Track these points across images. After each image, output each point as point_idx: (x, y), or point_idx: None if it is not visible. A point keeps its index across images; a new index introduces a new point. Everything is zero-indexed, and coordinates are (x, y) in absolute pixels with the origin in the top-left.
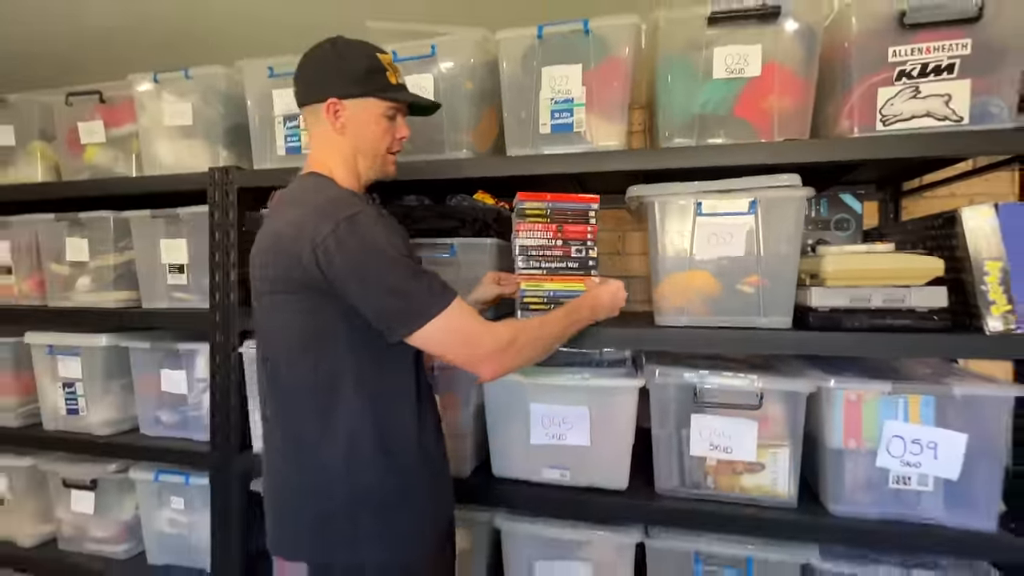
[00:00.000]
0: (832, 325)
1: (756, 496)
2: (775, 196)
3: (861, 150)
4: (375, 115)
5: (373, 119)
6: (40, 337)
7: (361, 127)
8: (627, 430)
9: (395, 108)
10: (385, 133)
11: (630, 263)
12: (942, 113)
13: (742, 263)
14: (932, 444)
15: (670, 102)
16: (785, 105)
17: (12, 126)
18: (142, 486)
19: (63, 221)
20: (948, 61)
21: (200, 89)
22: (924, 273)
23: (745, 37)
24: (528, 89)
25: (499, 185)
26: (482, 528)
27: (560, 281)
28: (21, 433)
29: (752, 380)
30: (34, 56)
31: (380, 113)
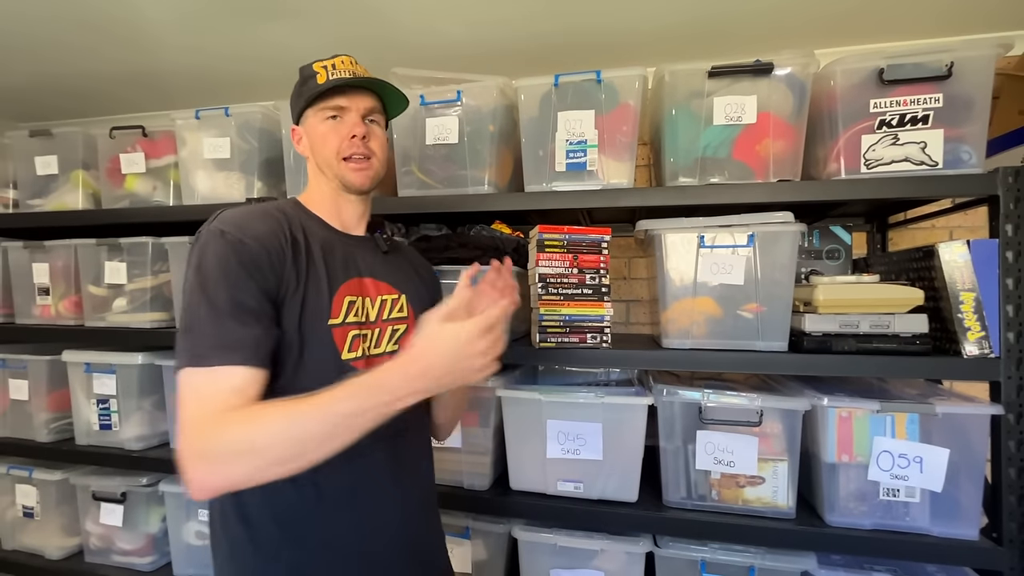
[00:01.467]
0: (824, 348)
1: (758, 507)
2: (771, 230)
3: (847, 191)
4: (315, 123)
5: (315, 128)
6: (78, 355)
7: (312, 141)
8: (637, 445)
9: (331, 108)
10: (325, 137)
11: (635, 288)
12: (919, 158)
13: (742, 291)
14: (918, 458)
15: (675, 145)
16: (778, 149)
17: (56, 156)
18: (171, 499)
19: (103, 245)
20: (923, 112)
21: (238, 125)
22: (906, 302)
23: (742, 88)
24: (545, 131)
25: (514, 216)
26: (500, 538)
27: (576, 306)
28: (54, 448)
29: (752, 399)
30: (81, 91)
31: (320, 119)
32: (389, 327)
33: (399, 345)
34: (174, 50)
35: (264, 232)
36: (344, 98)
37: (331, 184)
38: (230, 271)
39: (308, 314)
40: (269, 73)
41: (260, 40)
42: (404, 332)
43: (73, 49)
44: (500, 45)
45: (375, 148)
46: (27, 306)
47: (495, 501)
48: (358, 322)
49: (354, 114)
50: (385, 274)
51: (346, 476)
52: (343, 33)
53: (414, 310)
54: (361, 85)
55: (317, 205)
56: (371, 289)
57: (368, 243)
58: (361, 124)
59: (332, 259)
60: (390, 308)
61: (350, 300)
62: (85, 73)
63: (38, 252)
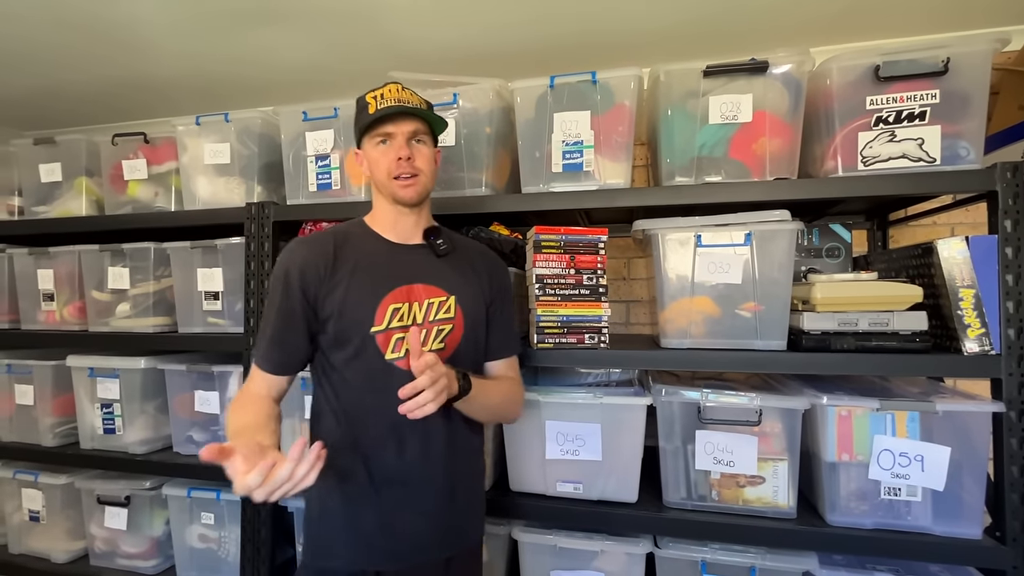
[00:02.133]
0: (823, 347)
1: (758, 507)
2: (768, 229)
3: (845, 188)
4: (370, 149)
5: (371, 154)
6: (82, 360)
7: (369, 165)
8: (637, 445)
9: (380, 135)
10: (378, 160)
11: (635, 288)
12: (916, 155)
13: (740, 290)
14: (919, 457)
15: (671, 145)
16: (775, 147)
17: (60, 163)
18: (175, 502)
19: (106, 251)
20: (920, 109)
21: (238, 131)
22: (905, 299)
23: (737, 87)
24: (541, 132)
25: (512, 218)
26: (500, 540)
27: (573, 307)
28: (59, 452)
29: (752, 398)
30: (82, 98)
31: (373, 145)
32: (435, 327)
33: (444, 344)
34: (173, 56)
35: (308, 260)
36: (391, 125)
37: (387, 200)
38: (275, 300)
39: (349, 322)
40: (267, 78)
41: (257, 46)
42: (450, 331)
43: (74, 56)
44: (495, 48)
45: (421, 166)
46: (32, 312)
47: (495, 502)
48: (402, 326)
49: (400, 138)
50: (437, 278)
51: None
52: (339, 38)
53: (462, 309)
54: (403, 112)
55: (378, 221)
56: (420, 294)
57: (423, 250)
58: (405, 147)
59: (379, 271)
60: (437, 310)
61: (395, 308)
62: (86, 80)
63: (43, 258)
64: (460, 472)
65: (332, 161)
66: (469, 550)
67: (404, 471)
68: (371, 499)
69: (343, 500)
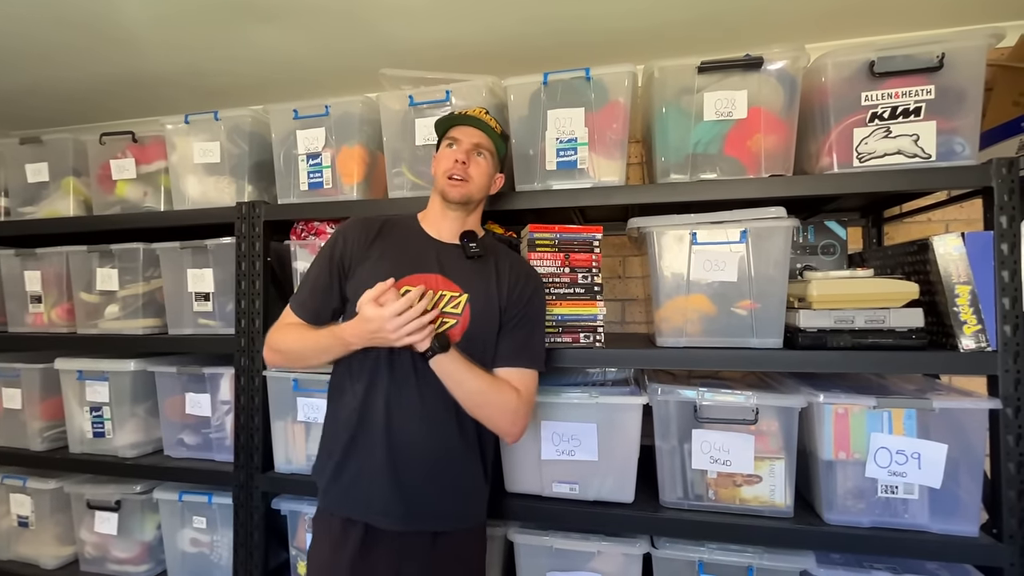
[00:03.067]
0: (819, 344)
1: (755, 507)
2: (764, 226)
3: (840, 185)
4: (442, 149)
5: (440, 152)
6: (70, 363)
7: (436, 163)
8: (633, 445)
9: (449, 138)
10: (442, 159)
11: (630, 286)
12: (912, 151)
13: (735, 288)
14: (916, 454)
15: (665, 142)
16: (770, 144)
17: (46, 163)
18: (166, 506)
19: (94, 252)
20: (915, 104)
21: (228, 129)
22: (901, 296)
23: (732, 83)
24: (535, 130)
25: (507, 216)
26: (496, 541)
27: (568, 306)
28: (48, 456)
29: (748, 397)
30: (68, 96)
31: (443, 146)
32: (440, 318)
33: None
34: (162, 52)
35: (355, 232)
36: (459, 131)
37: (438, 197)
38: (321, 257)
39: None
40: (258, 76)
41: (247, 43)
42: (451, 326)
43: (60, 53)
44: (488, 46)
45: (473, 174)
46: (20, 314)
47: (490, 503)
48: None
49: (464, 144)
50: (457, 275)
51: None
52: (331, 35)
53: (471, 309)
54: (470, 124)
55: (428, 218)
56: (436, 284)
57: (455, 249)
58: (464, 153)
59: (408, 255)
60: (447, 302)
61: (406, 289)
62: (73, 78)
63: (30, 260)
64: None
65: (323, 160)
66: (464, 531)
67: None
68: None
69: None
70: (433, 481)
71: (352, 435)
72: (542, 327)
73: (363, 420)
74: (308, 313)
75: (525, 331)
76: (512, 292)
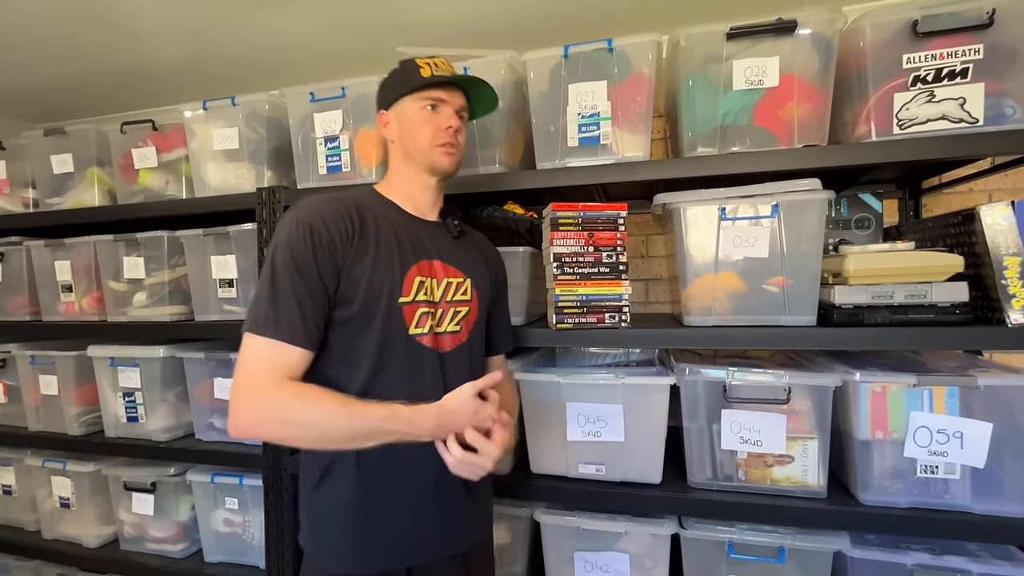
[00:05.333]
0: (855, 321)
1: (787, 487)
2: (797, 199)
3: (879, 154)
4: (412, 111)
5: (411, 116)
6: (102, 350)
7: (404, 128)
8: (660, 426)
9: (433, 98)
10: (423, 124)
11: (654, 265)
12: (957, 115)
13: (767, 264)
14: (958, 434)
15: (692, 113)
16: (803, 113)
17: (71, 154)
18: (199, 488)
19: (120, 241)
20: (961, 66)
21: (245, 115)
22: (945, 269)
23: (763, 50)
24: (556, 105)
25: (527, 195)
26: (522, 522)
27: (592, 286)
28: (85, 440)
29: (780, 376)
30: (88, 87)
31: (418, 108)
32: (452, 308)
33: (460, 327)
34: (176, 40)
35: (332, 215)
36: (445, 92)
37: (416, 168)
38: (296, 258)
39: (378, 291)
40: (272, 61)
41: (260, 26)
42: (466, 314)
43: (78, 45)
44: (506, 20)
45: (461, 141)
46: (52, 303)
47: (516, 485)
48: (427, 300)
49: (450, 108)
50: (453, 258)
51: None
52: (344, 15)
53: (477, 294)
54: (460, 85)
55: (395, 191)
56: (439, 271)
57: (440, 228)
58: (455, 117)
59: (403, 241)
60: (455, 290)
61: (420, 280)
62: (92, 70)
63: (59, 250)
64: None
65: (341, 143)
66: (484, 542)
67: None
68: (398, 493)
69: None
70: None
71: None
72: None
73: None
74: (307, 338)
75: (507, 312)
76: (498, 275)
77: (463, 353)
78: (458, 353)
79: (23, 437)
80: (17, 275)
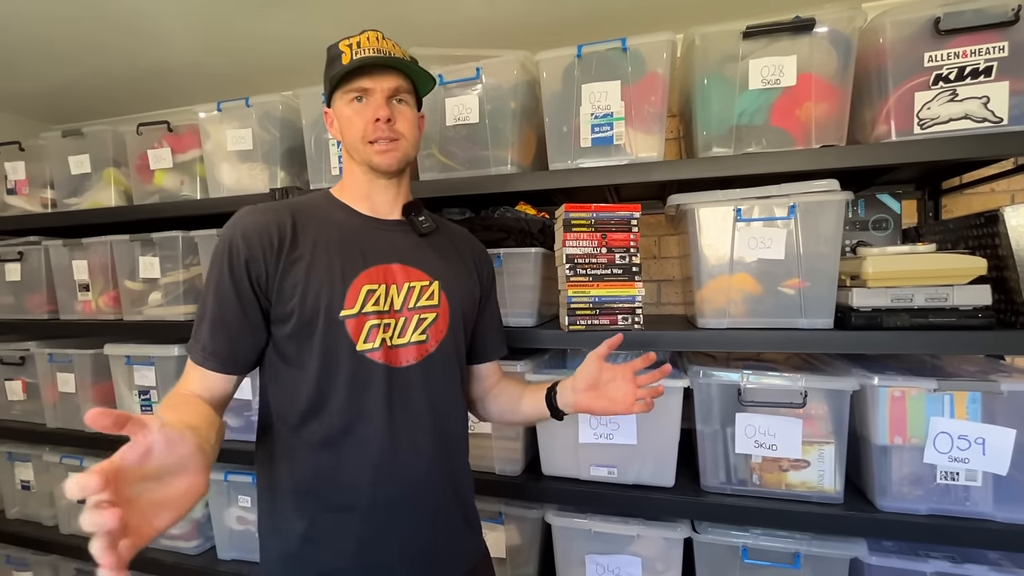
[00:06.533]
0: (874, 324)
1: (802, 492)
2: (814, 200)
3: (899, 154)
4: (342, 107)
5: (342, 111)
6: (119, 349)
7: (341, 124)
8: (673, 429)
9: (354, 90)
10: (351, 120)
11: (666, 267)
12: (981, 115)
13: (783, 266)
14: (980, 440)
15: (707, 113)
16: (821, 112)
17: (88, 155)
18: (212, 485)
19: (136, 241)
20: (985, 64)
21: (259, 116)
22: (967, 272)
23: (780, 49)
24: (568, 105)
25: (539, 196)
26: (533, 524)
27: (605, 287)
28: (101, 437)
29: (795, 379)
30: (105, 89)
31: (345, 103)
32: (416, 315)
33: (426, 335)
34: (192, 42)
35: (259, 230)
36: (368, 79)
37: (360, 168)
38: (216, 277)
39: (314, 306)
40: (285, 62)
41: (273, 28)
42: (432, 321)
43: (96, 48)
44: (520, 20)
45: (402, 130)
46: (70, 302)
47: (527, 486)
48: (378, 311)
49: (378, 95)
50: (418, 260)
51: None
52: (356, 14)
53: (447, 297)
54: (383, 64)
55: (348, 192)
56: (399, 275)
57: (402, 227)
58: (385, 107)
59: (349, 248)
60: (418, 295)
61: (369, 289)
62: (109, 72)
63: (77, 250)
64: (458, 471)
65: None
66: (484, 554)
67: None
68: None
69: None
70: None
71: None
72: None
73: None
74: (217, 361)
75: (497, 313)
76: (482, 273)
77: (430, 365)
78: (421, 367)
79: (41, 434)
80: (36, 274)
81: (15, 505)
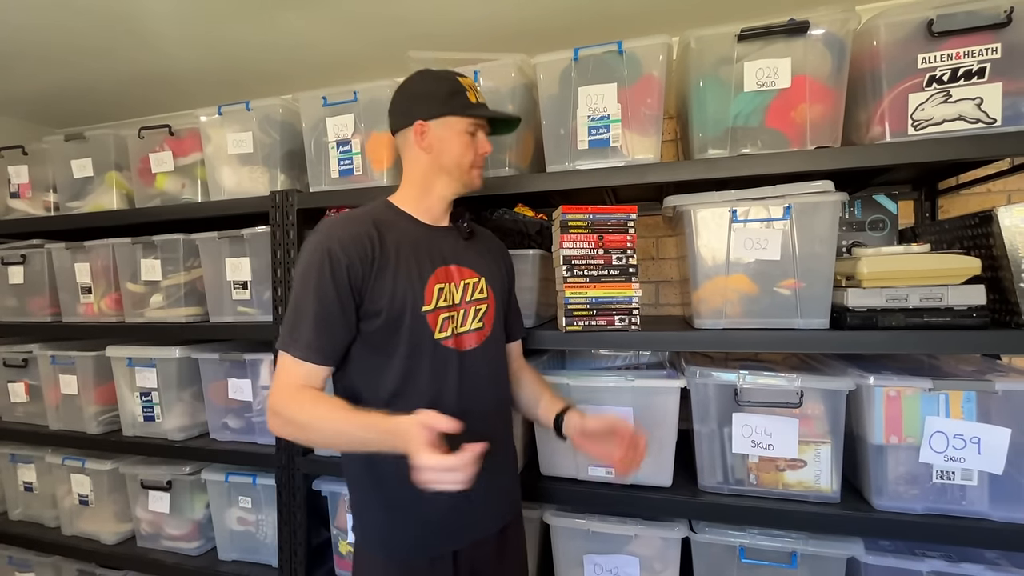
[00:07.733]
0: (869, 324)
1: (799, 492)
2: (809, 201)
3: (894, 155)
4: (456, 132)
5: (455, 136)
6: (120, 350)
7: (444, 144)
8: (670, 429)
9: (475, 124)
10: (467, 148)
11: (664, 268)
12: (974, 116)
13: (778, 267)
14: (975, 439)
15: (703, 115)
16: (816, 114)
17: (90, 159)
18: (213, 486)
19: (138, 244)
20: (978, 65)
21: (259, 119)
22: (961, 272)
23: (775, 51)
24: (565, 108)
25: (537, 198)
26: (532, 524)
27: (602, 288)
28: (103, 439)
29: (792, 379)
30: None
31: (461, 130)
32: (472, 307)
33: (483, 323)
34: (193, 47)
35: (355, 241)
36: (484, 123)
37: (448, 182)
38: (317, 282)
39: (401, 304)
40: (286, 66)
41: (273, 31)
42: (486, 311)
43: (98, 53)
44: (517, 24)
45: None
46: (72, 304)
47: (526, 486)
48: (447, 305)
49: (484, 135)
50: (467, 260)
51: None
52: (356, 16)
53: (492, 289)
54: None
55: (411, 202)
56: (456, 275)
57: (452, 232)
58: (489, 144)
59: (420, 253)
60: (472, 290)
61: (440, 287)
62: (112, 77)
63: (79, 252)
64: (507, 440)
65: (353, 146)
66: (517, 515)
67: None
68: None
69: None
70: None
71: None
72: None
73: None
74: (321, 356)
75: (516, 301)
76: (507, 268)
77: (486, 347)
78: (480, 349)
79: (44, 435)
80: (38, 277)
81: (18, 506)
